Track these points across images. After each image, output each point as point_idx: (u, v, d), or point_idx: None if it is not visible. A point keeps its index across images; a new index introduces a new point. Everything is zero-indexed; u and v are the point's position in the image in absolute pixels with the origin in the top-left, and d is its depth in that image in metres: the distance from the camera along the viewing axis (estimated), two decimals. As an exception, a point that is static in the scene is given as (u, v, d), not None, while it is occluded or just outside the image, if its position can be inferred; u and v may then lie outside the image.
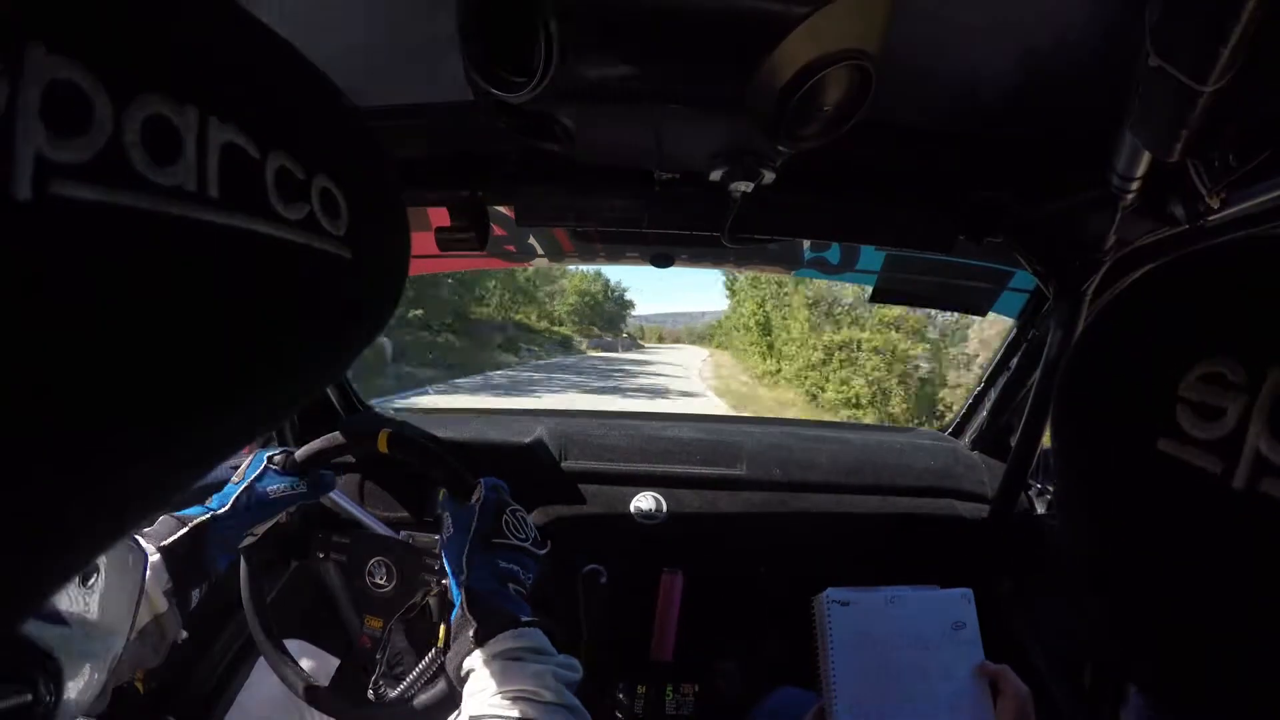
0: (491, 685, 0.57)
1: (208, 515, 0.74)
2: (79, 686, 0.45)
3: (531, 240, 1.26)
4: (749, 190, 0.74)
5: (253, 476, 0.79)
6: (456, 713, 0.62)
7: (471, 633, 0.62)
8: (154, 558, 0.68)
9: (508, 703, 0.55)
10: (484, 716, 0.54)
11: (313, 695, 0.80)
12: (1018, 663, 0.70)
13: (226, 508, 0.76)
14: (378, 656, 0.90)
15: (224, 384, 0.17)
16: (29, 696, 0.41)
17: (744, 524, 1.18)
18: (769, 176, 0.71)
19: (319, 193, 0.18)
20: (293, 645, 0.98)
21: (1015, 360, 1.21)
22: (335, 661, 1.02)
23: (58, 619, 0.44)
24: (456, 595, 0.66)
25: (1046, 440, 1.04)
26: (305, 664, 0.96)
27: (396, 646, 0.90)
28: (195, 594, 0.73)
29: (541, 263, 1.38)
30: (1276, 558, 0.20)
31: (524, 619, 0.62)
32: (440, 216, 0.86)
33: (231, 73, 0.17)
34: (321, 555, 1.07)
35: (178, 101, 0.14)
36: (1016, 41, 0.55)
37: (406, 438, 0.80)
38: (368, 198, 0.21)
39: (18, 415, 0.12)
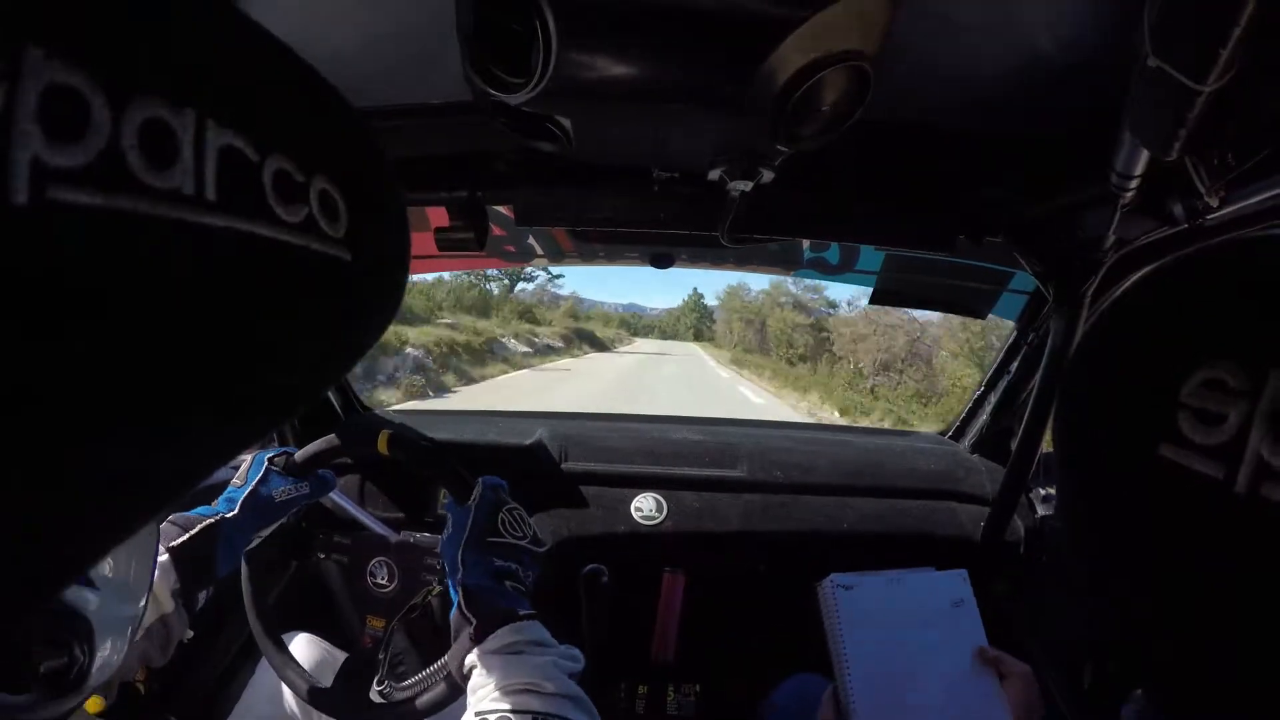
0: (493, 681, 0.57)
1: (217, 517, 0.73)
2: (106, 651, 0.45)
3: (530, 240, 1.26)
4: (748, 190, 0.74)
5: (256, 479, 0.79)
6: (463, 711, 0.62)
7: (470, 630, 0.61)
8: (162, 558, 0.67)
9: (510, 696, 0.55)
10: (488, 712, 0.54)
11: (316, 697, 0.80)
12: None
13: (235, 511, 0.75)
14: (380, 657, 0.90)
15: (224, 387, 0.17)
16: (65, 658, 0.42)
17: (744, 525, 1.18)
18: (768, 176, 0.71)
19: (318, 194, 0.18)
20: (299, 639, 0.98)
21: (1015, 364, 1.21)
22: (341, 655, 1.02)
23: (88, 581, 0.44)
24: (454, 594, 0.66)
25: (1047, 443, 1.04)
26: (313, 658, 0.96)
27: (398, 646, 0.90)
28: (202, 596, 0.72)
29: (541, 263, 1.39)
30: (1278, 562, 0.20)
31: (522, 613, 0.62)
32: (439, 216, 0.86)
33: (229, 75, 0.16)
34: (323, 556, 1.07)
35: (175, 104, 0.14)
36: (1016, 41, 0.54)
37: (406, 439, 0.80)
38: (367, 199, 0.21)
39: (16, 421, 0.12)
